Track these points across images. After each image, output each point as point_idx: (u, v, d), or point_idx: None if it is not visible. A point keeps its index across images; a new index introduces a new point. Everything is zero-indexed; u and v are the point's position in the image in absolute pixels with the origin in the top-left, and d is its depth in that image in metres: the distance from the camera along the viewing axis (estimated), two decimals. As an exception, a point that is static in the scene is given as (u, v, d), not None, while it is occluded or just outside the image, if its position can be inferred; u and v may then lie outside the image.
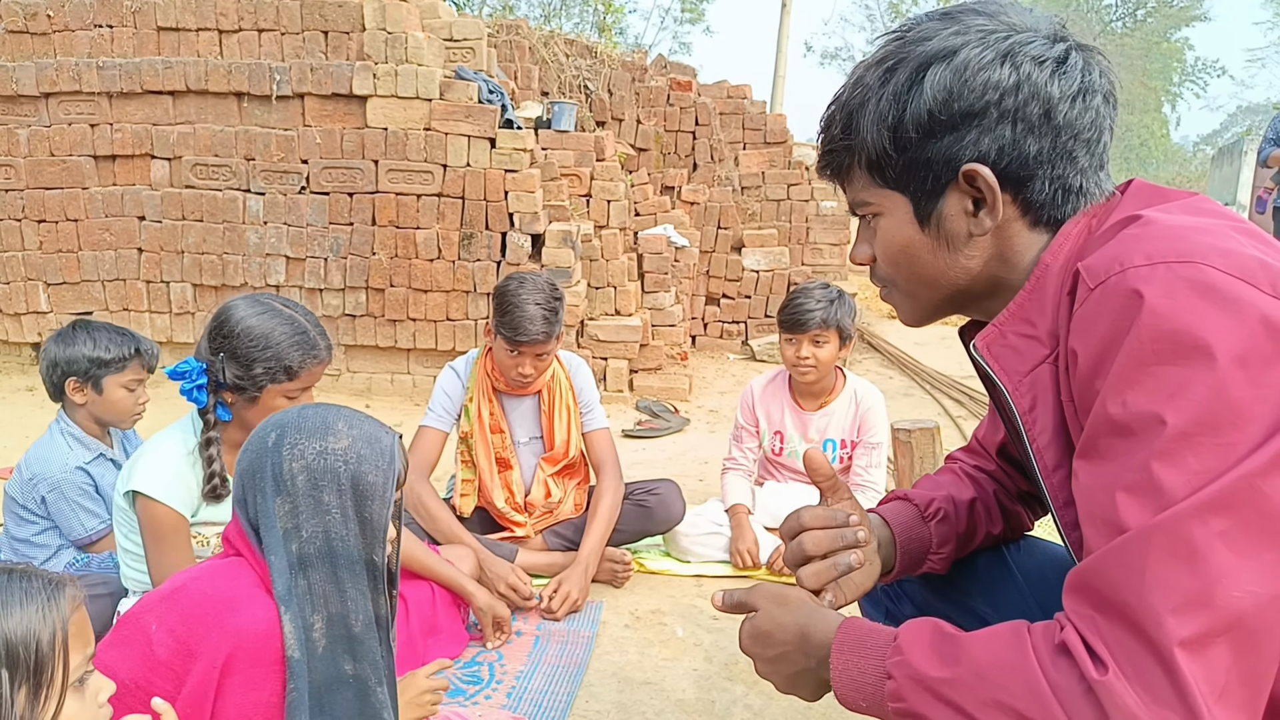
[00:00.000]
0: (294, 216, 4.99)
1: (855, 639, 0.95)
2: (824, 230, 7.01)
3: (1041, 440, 0.94)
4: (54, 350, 2.26)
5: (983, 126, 0.91)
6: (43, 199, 5.04)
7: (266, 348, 1.74)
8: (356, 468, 1.23)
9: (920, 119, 0.93)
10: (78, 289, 5.14)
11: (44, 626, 0.93)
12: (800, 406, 2.83)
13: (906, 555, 1.23)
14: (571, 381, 2.65)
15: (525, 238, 4.92)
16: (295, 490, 1.21)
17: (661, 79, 7.05)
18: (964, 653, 0.84)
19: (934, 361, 6.40)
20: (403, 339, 5.09)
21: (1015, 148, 0.91)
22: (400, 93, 4.84)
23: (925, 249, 0.99)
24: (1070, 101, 0.90)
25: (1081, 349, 0.83)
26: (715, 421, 4.86)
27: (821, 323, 2.61)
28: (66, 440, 2.27)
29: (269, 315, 1.77)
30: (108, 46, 4.99)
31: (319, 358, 1.81)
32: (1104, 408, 0.79)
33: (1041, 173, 0.92)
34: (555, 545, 2.62)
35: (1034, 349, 0.94)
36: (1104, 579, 0.77)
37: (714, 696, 1.99)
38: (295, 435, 1.23)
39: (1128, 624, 0.74)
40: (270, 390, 1.76)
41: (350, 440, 1.25)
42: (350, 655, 1.20)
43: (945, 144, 0.93)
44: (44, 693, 0.93)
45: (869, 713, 0.93)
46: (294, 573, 1.20)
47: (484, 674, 2.07)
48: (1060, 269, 0.92)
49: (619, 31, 17.84)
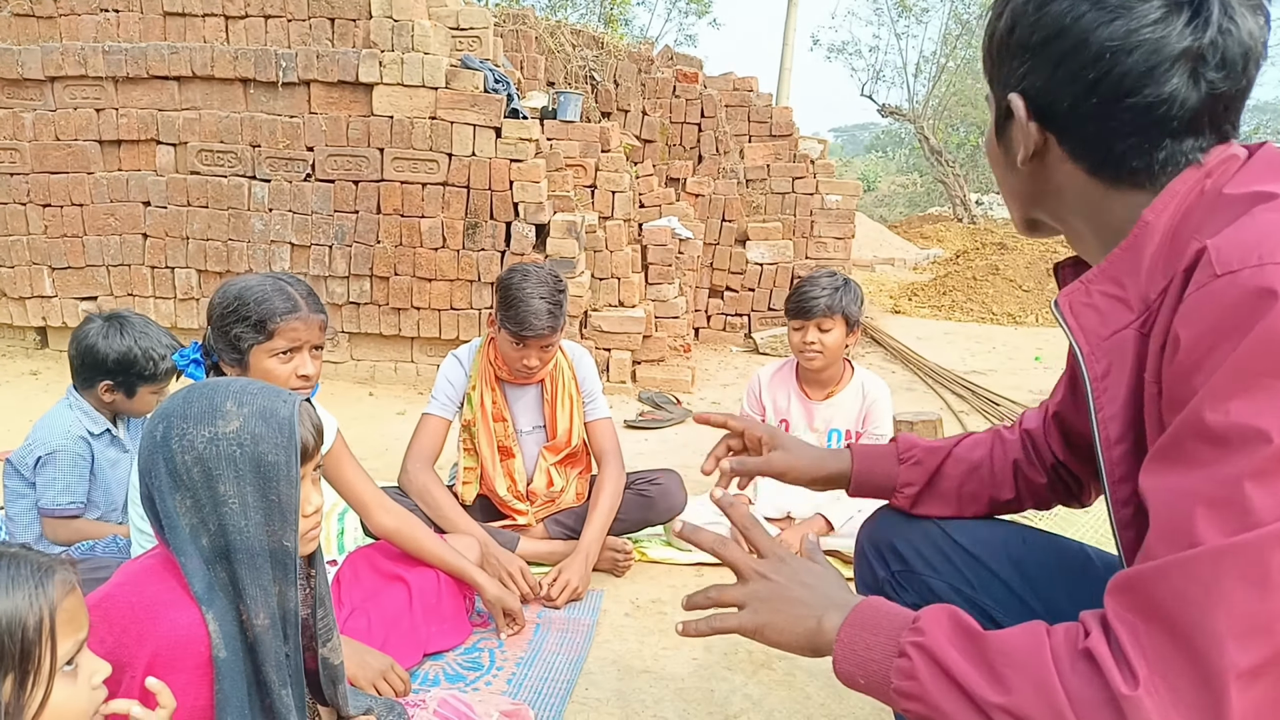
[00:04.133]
0: (299, 204, 4.99)
1: (870, 615, 0.92)
2: (828, 224, 7.00)
3: (1109, 410, 0.89)
4: (100, 348, 2.22)
5: (1031, 61, 0.89)
6: (48, 183, 5.05)
7: (241, 308, 1.71)
8: (253, 449, 1.13)
9: (995, 38, 0.94)
10: (82, 274, 5.15)
11: (30, 613, 0.91)
12: (807, 395, 2.84)
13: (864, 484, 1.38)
14: (574, 371, 2.65)
15: (530, 228, 4.92)
16: (193, 484, 1.12)
17: (667, 70, 7.03)
18: (984, 647, 0.81)
19: (937, 356, 6.40)
20: (406, 327, 5.09)
21: (1055, 90, 0.88)
22: (406, 81, 4.84)
23: (997, 160, 1.01)
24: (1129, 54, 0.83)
25: (1187, 337, 0.76)
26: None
27: (827, 309, 2.64)
28: (75, 412, 2.29)
29: (253, 280, 1.77)
30: (113, 31, 4.99)
31: (296, 312, 1.75)
32: (1200, 411, 0.73)
33: (1094, 124, 0.87)
34: (557, 534, 2.63)
35: (1119, 312, 0.88)
36: (1164, 588, 0.72)
37: (713, 685, 2.00)
38: (182, 424, 1.13)
39: (1179, 640, 0.70)
40: (256, 352, 1.72)
41: (240, 420, 1.13)
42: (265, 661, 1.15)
43: (1005, 66, 0.93)
44: (30, 680, 0.91)
45: (866, 690, 0.90)
46: (211, 568, 1.13)
47: (484, 660, 2.08)
48: (1165, 231, 0.85)
49: (625, 22, 17.79)
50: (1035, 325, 8.10)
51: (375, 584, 2.10)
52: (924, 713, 0.83)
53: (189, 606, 1.13)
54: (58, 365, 5.07)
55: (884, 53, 27.86)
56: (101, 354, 2.22)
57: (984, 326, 8.09)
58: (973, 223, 15.41)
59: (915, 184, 21.58)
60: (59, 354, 5.21)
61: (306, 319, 1.79)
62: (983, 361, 6.46)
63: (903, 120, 17.96)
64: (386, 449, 3.82)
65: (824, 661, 0.96)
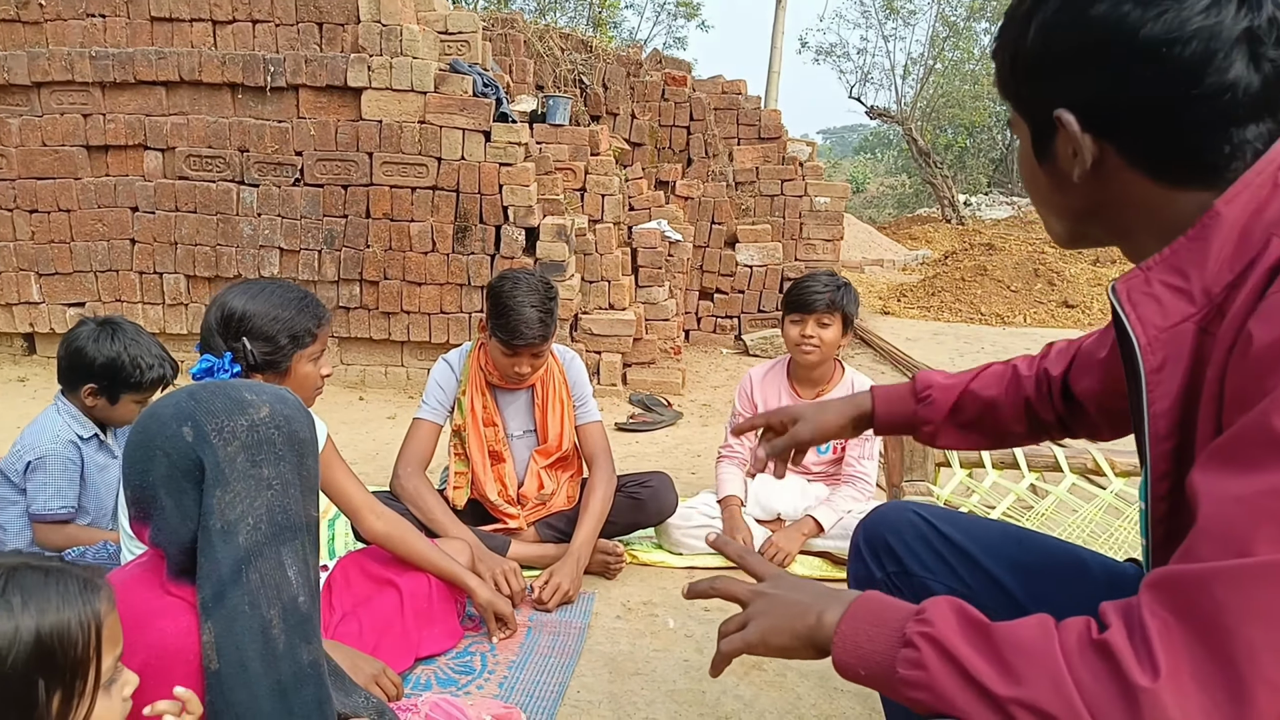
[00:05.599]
0: (288, 208, 4.99)
1: (872, 607, 0.91)
2: (818, 226, 7.03)
3: (1160, 405, 0.87)
4: (89, 351, 2.21)
5: (1078, 71, 0.86)
6: (35, 189, 5.03)
7: (284, 318, 1.85)
8: (288, 429, 1.19)
9: (1025, 57, 0.91)
10: (70, 280, 5.13)
11: (80, 629, 0.90)
12: (798, 394, 2.86)
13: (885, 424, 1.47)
14: (565, 375, 2.66)
15: (520, 231, 4.93)
16: (234, 476, 1.13)
17: (656, 74, 7.05)
18: (993, 638, 0.80)
19: (926, 357, 6.43)
20: (396, 332, 5.09)
21: (1110, 96, 0.85)
22: (395, 85, 4.84)
23: (1039, 181, 0.97)
24: (1185, 46, 0.80)
25: (1264, 338, 0.74)
26: (708, 415, 4.87)
27: (829, 305, 2.68)
28: (64, 416, 2.28)
29: (269, 293, 1.88)
30: (100, 36, 4.97)
31: (327, 317, 1.95)
32: (1268, 415, 0.71)
33: (1157, 124, 0.84)
34: (548, 537, 2.63)
35: (1179, 304, 0.85)
36: (1205, 594, 0.71)
37: (704, 687, 2.01)
38: (214, 420, 1.14)
39: (1212, 646, 0.69)
40: (298, 357, 1.87)
41: (268, 405, 1.19)
42: (304, 640, 1.16)
43: (1043, 84, 0.90)
44: (76, 697, 0.91)
45: (866, 681, 0.89)
46: (243, 568, 1.12)
47: (476, 664, 2.08)
48: (1236, 222, 0.82)
49: (614, 26, 17.81)
50: (1024, 325, 8.15)
51: (366, 589, 2.10)
52: (931, 702, 0.82)
53: (180, 614, 1.12)
54: (45, 372, 5.05)
55: (872, 55, 27.97)
56: (90, 357, 2.21)
57: (973, 327, 8.14)
58: (961, 224, 15.48)
59: (904, 185, 21.65)
60: (47, 360, 5.19)
61: (331, 323, 1.98)
62: (971, 362, 6.48)
63: (891, 122, 18.03)
64: (377, 454, 3.82)
65: (815, 663, 0.96)
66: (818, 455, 2.87)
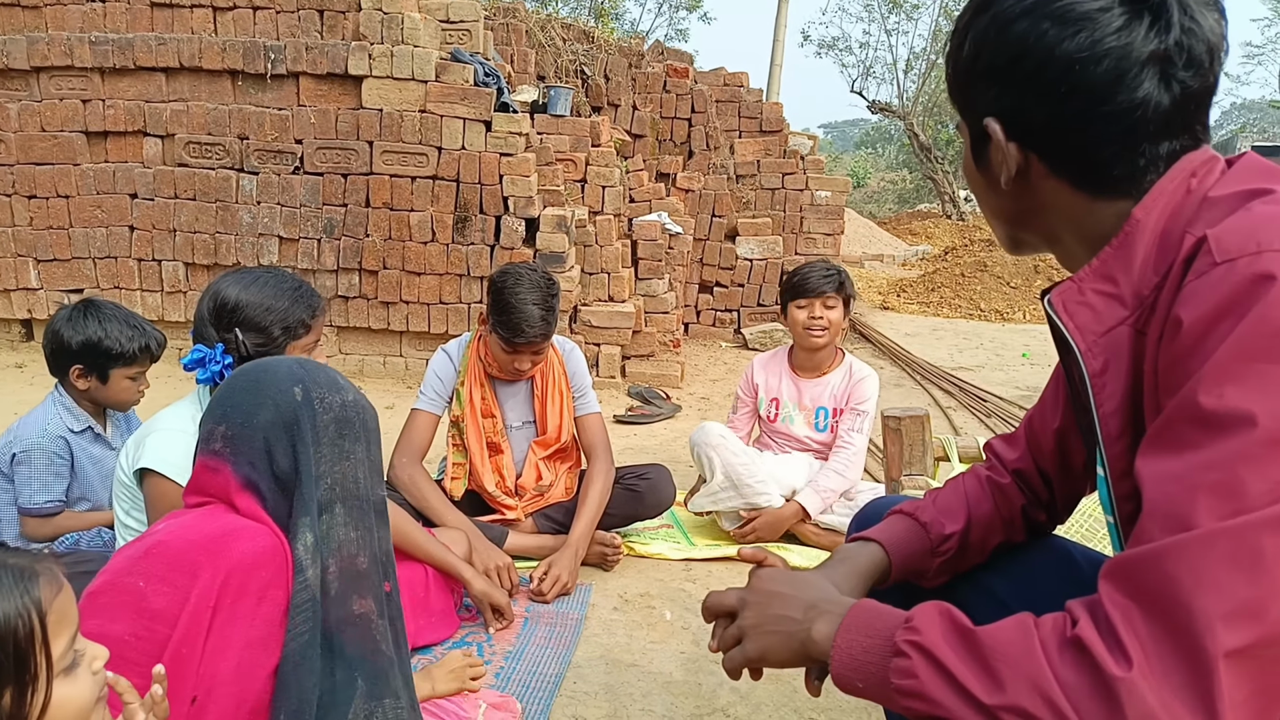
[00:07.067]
0: (287, 196, 4.97)
1: (863, 618, 0.92)
2: (818, 220, 7.02)
3: (1108, 406, 0.90)
4: (64, 333, 2.22)
5: (1002, 84, 0.90)
6: (33, 175, 5.01)
7: (277, 309, 1.82)
8: (365, 416, 1.36)
9: (961, 67, 0.95)
10: (68, 266, 5.12)
11: (20, 622, 0.88)
12: (798, 377, 2.98)
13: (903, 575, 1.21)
14: (564, 366, 2.65)
15: (520, 222, 4.92)
16: (324, 440, 1.30)
17: (658, 65, 7.02)
18: (977, 645, 0.81)
19: (925, 352, 6.43)
20: (395, 321, 5.08)
21: (1029, 109, 0.89)
22: (396, 74, 4.82)
23: (978, 184, 1.01)
24: (1097, 64, 0.84)
25: (1187, 321, 0.77)
26: (707, 408, 4.87)
27: (835, 286, 2.82)
28: (57, 409, 2.27)
29: (263, 282, 1.84)
30: (100, 21, 4.95)
31: (322, 307, 1.93)
32: (1195, 395, 0.74)
33: (1072, 137, 0.88)
34: (545, 528, 2.63)
35: (1113, 309, 0.89)
36: (1156, 573, 0.73)
37: (701, 679, 2.01)
38: (318, 390, 1.31)
39: (1170, 623, 0.71)
40: (292, 348, 1.85)
41: (354, 393, 1.37)
42: (358, 593, 1.28)
43: (975, 93, 0.94)
44: (29, 689, 0.89)
45: (865, 694, 0.90)
46: (315, 515, 1.27)
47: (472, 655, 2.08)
48: (1155, 228, 0.86)
49: (616, 17, 17.76)
50: (1023, 322, 8.15)
51: (363, 578, 2.10)
52: (927, 710, 0.83)
53: (267, 534, 1.22)
54: (43, 358, 5.02)
55: (874, 49, 27.86)
56: (66, 339, 2.21)
57: (972, 323, 8.14)
58: (961, 219, 15.47)
59: (904, 180, 21.65)
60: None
61: (326, 312, 1.95)
62: (970, 358, 6.50)
63: (892, 117, 18.01)
64: (375, 443, 3.81)
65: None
66: (816, 433, 2.91)
